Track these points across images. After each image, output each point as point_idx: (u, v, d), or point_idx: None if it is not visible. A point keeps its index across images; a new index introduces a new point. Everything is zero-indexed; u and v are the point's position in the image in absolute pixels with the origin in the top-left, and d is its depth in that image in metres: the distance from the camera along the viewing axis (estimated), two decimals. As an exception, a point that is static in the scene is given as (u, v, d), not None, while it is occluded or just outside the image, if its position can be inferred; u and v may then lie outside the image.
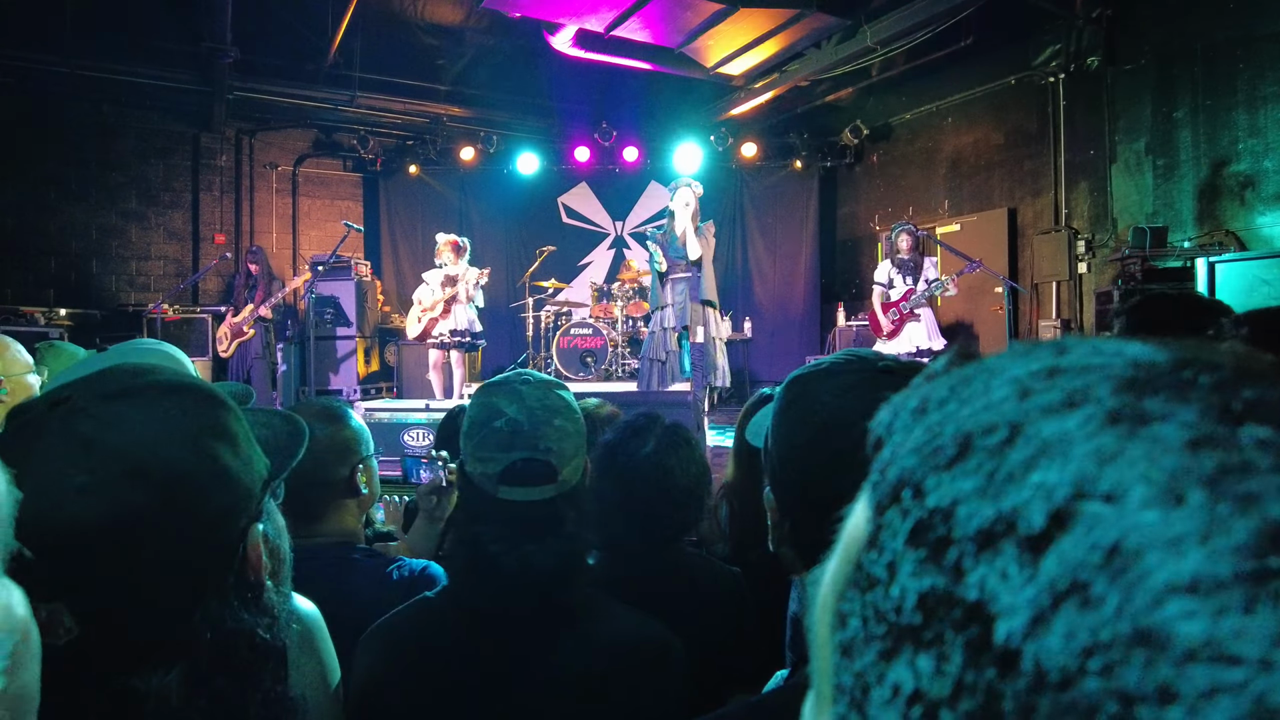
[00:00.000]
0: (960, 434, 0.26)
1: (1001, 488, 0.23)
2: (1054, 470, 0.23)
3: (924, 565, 0.24)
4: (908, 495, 0.26)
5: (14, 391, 2.22)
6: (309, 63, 8.79)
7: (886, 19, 7.18)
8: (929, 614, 0.24)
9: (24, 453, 0.61)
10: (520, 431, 1.14)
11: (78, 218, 8.90)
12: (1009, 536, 0.22)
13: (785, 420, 0.85)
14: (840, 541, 0.31)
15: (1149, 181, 7.13)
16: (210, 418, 0.68)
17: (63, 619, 0.59)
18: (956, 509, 0.24)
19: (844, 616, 0.28)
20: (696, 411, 4.93)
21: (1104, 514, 0.21)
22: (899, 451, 0.28)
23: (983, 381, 0.27)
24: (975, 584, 0.23)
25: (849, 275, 10.48)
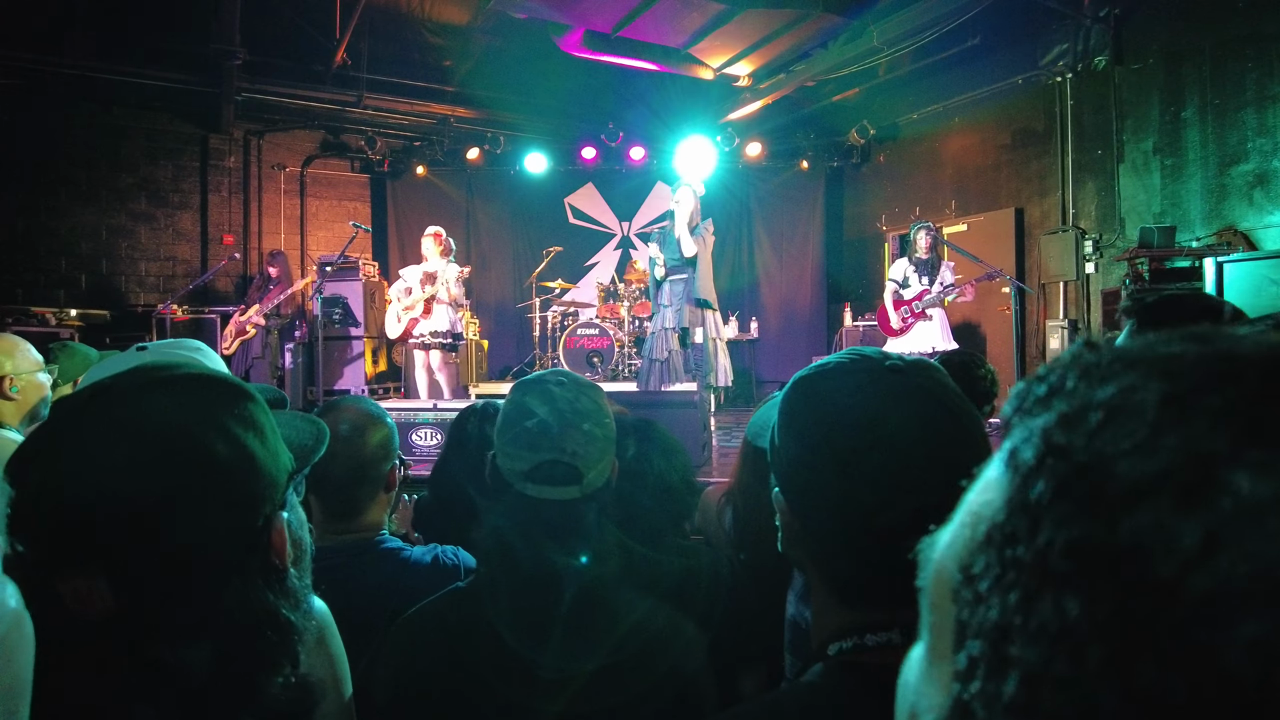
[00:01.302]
0: (1106, 406, 0.29)
1: (1155, 447, 0.26)
2: (1203, 437, 0.26)
3: (1074, 516, 0.27)
4: (1052, 461, 0.29)
5: (25, 389, 2.25)
6: (316, 64, 8.83)
7: (893, 19, 7.18)
8: (1079, 559, 0.26)
9: (67, 435, 0.66)
10: (548, 434, 1.18)
11: (88, 219, 8.96)
12: (1165, 489, 0.25)
13: (795, 421, 0.85)
14: (959, 517, 0.34)
15: (1157, 181, 7.11)
16: (240, 408, 0.73)
17: (100, 591, 0.62)
18: (1113, 465, 0.27)
19: (972, 574, 0.31)
20: (702, 411, 4.94)
21: (1244, 482, 0.24)
22: (1039, 426, 0.31)
23: (1117, 368, 0.30)
24: (1129, 530, 0.25)
25: (855, 275, 10.47)
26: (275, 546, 0.72)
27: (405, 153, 10.39)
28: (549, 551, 1.16)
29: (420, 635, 1.21)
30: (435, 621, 1.22)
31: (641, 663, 1.15)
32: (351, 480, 1.56)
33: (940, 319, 6.57)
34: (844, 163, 10.22)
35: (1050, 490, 0.28)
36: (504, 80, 9.71)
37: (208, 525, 0.67)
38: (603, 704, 1.12)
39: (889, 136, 9.87)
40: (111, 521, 0.63)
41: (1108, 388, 0.29)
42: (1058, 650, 0.26)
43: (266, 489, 0.72)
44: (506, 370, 9.78)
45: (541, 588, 1.16)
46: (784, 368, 9.96)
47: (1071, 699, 0.25)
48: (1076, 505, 0.27)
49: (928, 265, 6.61)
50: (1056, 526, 0.27)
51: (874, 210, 10.19)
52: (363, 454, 1.58)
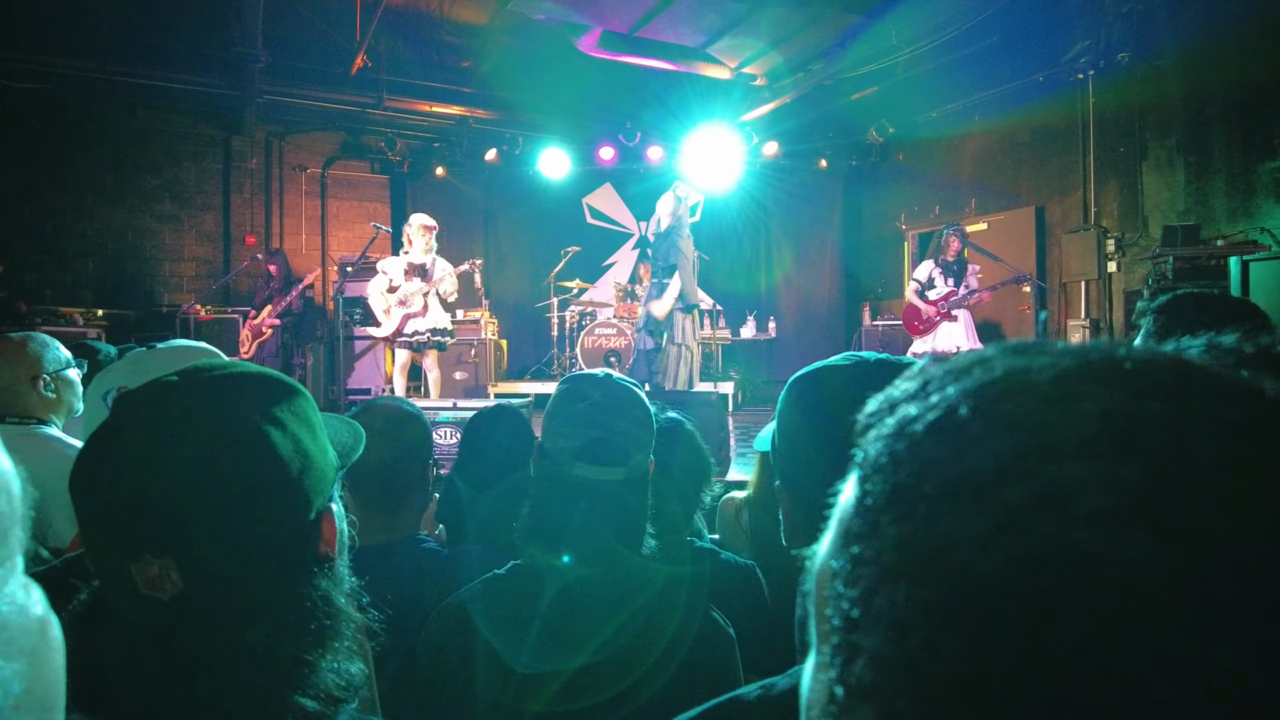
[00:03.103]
0: (931, 411, 0.33)
1: (965, 451, 0.30)
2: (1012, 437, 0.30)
3: (901, 516, 0.31)
4: (888, 464, 0.33)
5: (58, 387, 2.30)
6: (337, 66, 8.90)
7: (912, 17, 7.14)
8: (906, 556, 0.30)
9: (140, 426, 0.70)
10: (602, 411, 1.25)
11: (114, 220, 9.10)
12: (968, 488, 0.29)
13: (791, 414, 0.91)
14: (831, 522, 0.37)
15: (1181, 178, 7.02)
16: (295, 405, 0.78)
17: (170, 574, 0.66)
18: (927, 469, 0.31)
19: (834, 573, 0.34)
20: (719, 411, 4.95)
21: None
22: (881, 432, 0.35)
23: (951, 377, 0.34)
24: (941, 533, 0.29)
25: (875, 274, 10.42)
26: (326, 537, 0.76)
27: (424, 153, 10.45)
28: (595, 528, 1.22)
29: (460, 619, 1.25)
30: (474, 605, 1.25)
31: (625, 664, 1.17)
32: (389, 479, 1.60)
33: (966, 319, 6.55)
34: (863, 161, 10.17)
35: (883, 494, 0.32)
36: (522, 81, 9.75)
37: (269, 515, 0.71)
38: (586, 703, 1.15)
39: (908, 135, 9.81)
40: (183, 510, 0.67)
41: (931, 399, 0.33)
42: (890, 634, 0.29)
43: (320, 482, 0.76)
44: (525, 370, 9.82)
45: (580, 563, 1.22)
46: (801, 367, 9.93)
47: (902, 676, 0.29)
48: (902, 507, 0.31)
49: (955, 268, 6.58)
50: (888, 525, 0.31)
51: (893, 209, 10.14)
52: (399, 452, 1.62)
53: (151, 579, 0.66)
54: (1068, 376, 0.31)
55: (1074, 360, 0.32)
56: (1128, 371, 0.30)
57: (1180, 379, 0.30)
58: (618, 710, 1.16)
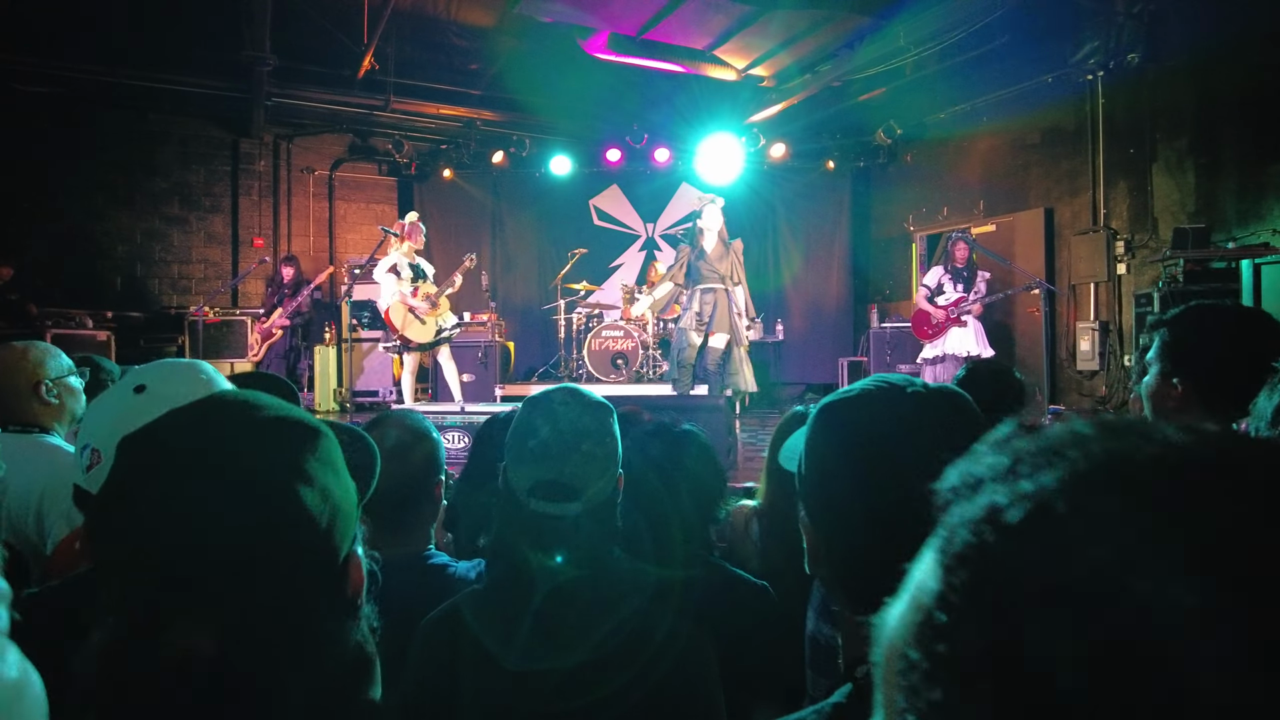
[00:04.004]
0: (1024, 504, 0.29)
1: (1057, 557, 0.27)
2: (1105, 547, 0.27)
3: (986, 619, 0.28)
4: (975, 556, 0.30)
5: (61, 394, 2.30)
6: (344, 69, 8.92)
7: (920, 18, 7.11)
8: (991, 663, 0.27)
9: (162, 476, 0.69)
10: (549, 455, 1.25)
11: (123, 223, 9.14)
12: (1064, 598, 0.26)
13: (819, 445, 0.89)
14: (907, 592, 0.35)
15: (1192, 180, 6.98)
16: (320, 448, 0.75)
17: (201, 640, 0.64)
18: (1020, 571, 0.28)
19: (911, 661, 0.31)
20: (727, 415, 4.95)
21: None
22: (967, 515, 0.31)
23: (1045, 459, 0.31)
24: (1033, 640, 0.26)
25: (883, 276, 10.39)
26: (353, 580, 0.75)
27: (432, 156, 10.47)
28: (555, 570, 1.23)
29: (436, 635, 1.27)
30: (451, 622, 1.27)
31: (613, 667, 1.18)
32: (398, 495, 1.58)
33: (975, 325, 6.52)
34: (870, 163, 10.14)
35: (969, 590, 0.29)
36: (529, 83, 9.75)
37: (296, 565, 0.69)
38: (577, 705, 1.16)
39: (916, 136, 9.78)
40: (210, 565, 0.65)
41: (1023, 485, 0.30)
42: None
43: (346, 527, 0.74)
44: (532, 371, 9.83)
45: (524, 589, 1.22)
46: (810, 370, 9.91)
47: None
48: (991, 612, 0.28)
49: (964, 274, 6.56)
50: (973, 628, 0.28)
51: (901, 211, 10.11)
52: (409, 469, 1.61)
53: (184, 651, 0.64)
54: (1180, 474, 0.27)
55: (1183, 453, 0.28)
56: (1252, 481, 0.26)
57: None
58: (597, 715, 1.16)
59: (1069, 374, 7.99)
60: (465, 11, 8.78)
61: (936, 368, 6.52)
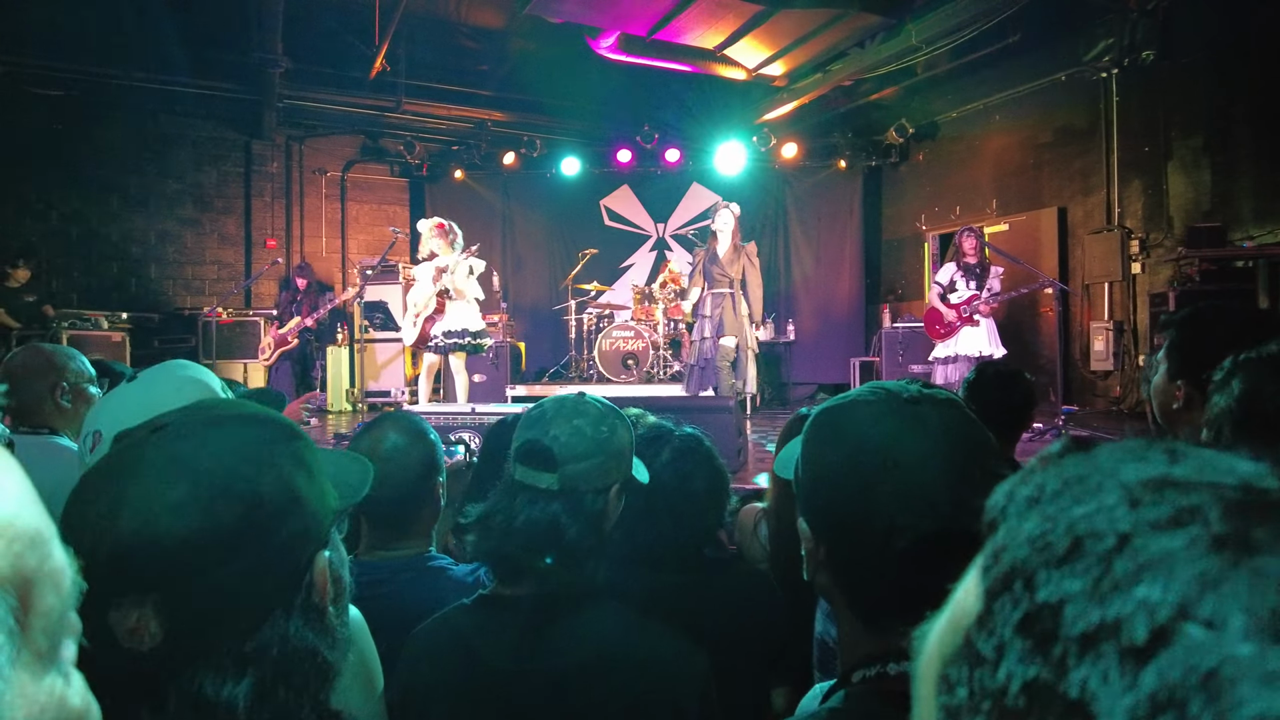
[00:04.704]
0: (1072, 533, 0.28)
1: (1108, 595, 0.25)
2: (1158, 587, 0.25)
3: (1031, 655, 0.27)
4: (1019, 585, 0.28)
5: (74, 400, 2.32)
6: (356, 70, 8.96)
7: (931, 17, 7.06)
8: (1032, 700, 0.26)
9: (127, 470, 0.70)
10: (543, 418, 1.27)
11: (138, 224, 9.21)
12: (1112, 643, 0.24)
13: (815, 449, 0.89)
14: (948, 611, 0.34)
15: (1207, 179, 6.91)
16: (289, 448, 0.76)
17: (149, 624, 0.65)
18: (1064, 607, 0.26)
19: (950, 683, 0.31)
20: (737, 416, 4.94)
21: (1203, 639, 0.23)
22: (1013, 539, 0.30)
23: (1095, 481, 0.29)
24: (1077, 682, 0.25)
25: (895, 276, 10.35)
26: (317, 585, 0.74)
27: (443, 157, 10.51)
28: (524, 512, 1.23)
29: (420, 649, 1.26)
30: (436, 635, 1.27)
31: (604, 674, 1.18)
32: (396, 498, 1.58)
33: (988, 324, 6.43)
34: (882, 162, 10.10)
35: (1012, 620, 0.28)
36: (539, 84, 9.77)
37: (254, 563, 0.69)
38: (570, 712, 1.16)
39: (928, 135, 9.74)
40: (163, 556, 0.66)
41: (1078, 509, 0.28)
42: None
43: (311, 528, 0.74)
44: (543, 372, 9.84)
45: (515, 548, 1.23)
46: (820, 371, 9.87)
47: None
48: (1033, 643, 0.27)
49: (975, 271, 6.48)
50: (1015, 661, 0.27)
51: (913, 210, 10.06)
52: (406, 472, 1.60)
53: (130, 629, 0.65)
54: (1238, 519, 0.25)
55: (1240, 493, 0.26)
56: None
57: None
58: None
59: (1083, 374, 7.93)
60: (475, 13, 8.81)
61: (948, 368, 6.47)
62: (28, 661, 0.36)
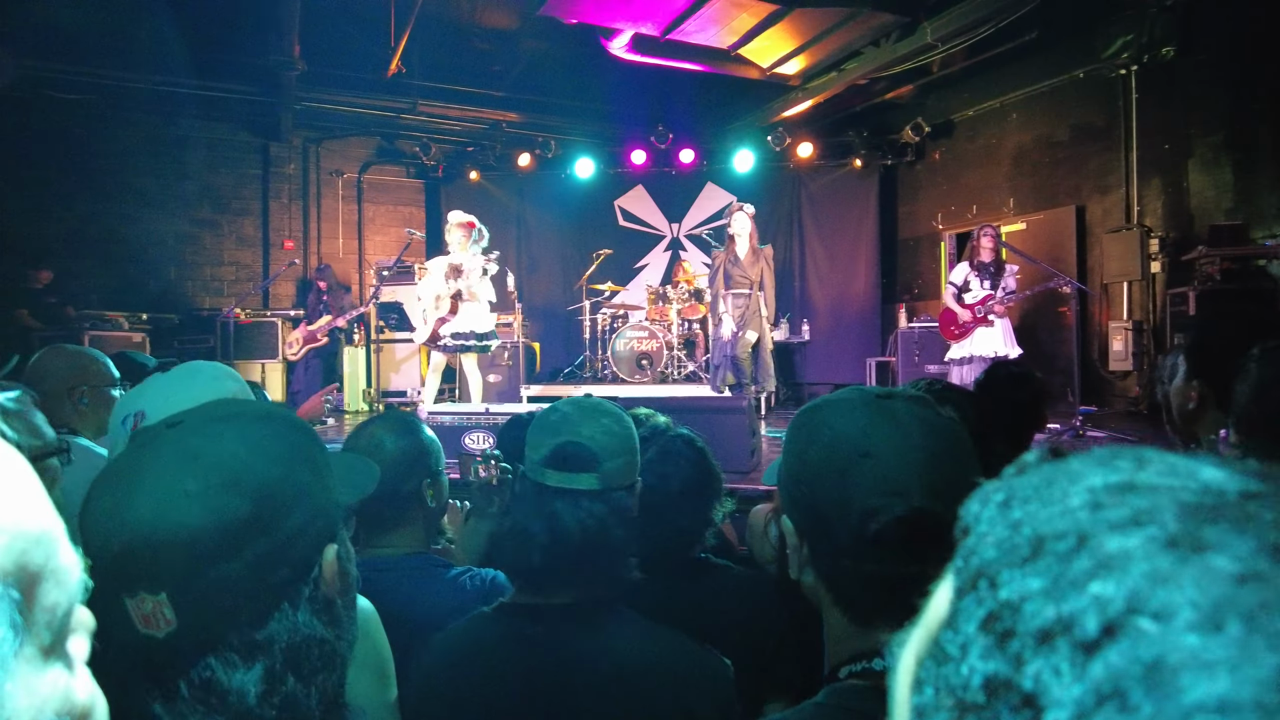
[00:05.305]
0: (1035, 535, 0.29)
1: (1064, 592, 0.26)
2: (1111, 583, 0.26)
3: (991, 651, 0.28)
4: (984, 585, 0.30)
5: (93, 402, 2.35)
6: (371, 72, 9.02)
7: (947, 15, 7.01)
8: (990, 694, 0.27)
9: (142, 463, 0.72)
10: (568, 421, 1.26)
11: (156, 226, 9.31)
12: (1065, 637, 0.26)
13: (793, 447, 0.93)
14: (924, 615, 0.35)
15: (1228, 176, 6.83)
16: (297, 444, 0.78)
17: (164, 612, 0.68)
18: (1023, 605, 0.27)
19: (920, 683, 0.32)
20: (750, 415, 4.92)
21: (1150, 631, 0.24)
22: (982, 542, 0.31)
23: (1063, 487, 0.30)
24: (1031, 675, 0.26)
25: (911, 276, 10.29)
26: (326, 578, 0.77)
27: (458, 158, 10.55)
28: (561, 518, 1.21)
29: (442, 658, 1.25)
30: (458, 644, 1.26)
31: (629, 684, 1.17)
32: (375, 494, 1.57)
33: (1003, 324, 6.37)
34: (898, 161, 10.04)
35: (976, 617, 0.29)
36: (553, 84, 9.79)
37: (263, 554, 0.72)
38: None
39: (944, 134, 9.68)
40: (177, 545, 0.68)
41: (1043, 513, 0.29)
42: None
43: (319, 521, 0.77)
44: (557, 373, 9.86)
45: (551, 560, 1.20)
46: (835, 371, 9.83)
47: None
48: (994, 639, 0.28)
49: (990, 270, 6.41)
50: (976, 657, 0.28)
51: (929, 209, 10.00)
52: (387, 470, 1.59)
53: (146, 615, 0.67)
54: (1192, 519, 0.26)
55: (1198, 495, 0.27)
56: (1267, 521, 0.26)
57: None
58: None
59: (1101, 375, 7.85)
60: (489, 15, 8.84)
61: (964, 368, 6.42)
62: (31, 655, 0.37)
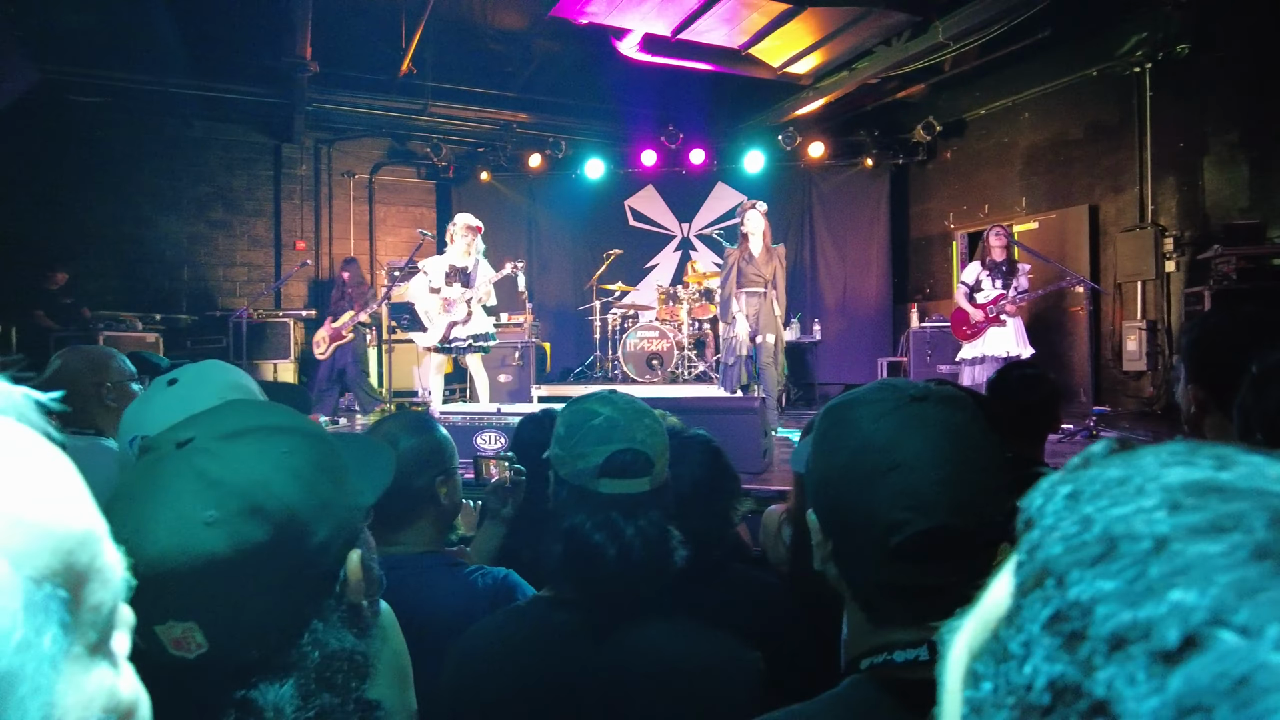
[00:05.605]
0: (1108, 534, 0.28)
1: (1140, 597, 0.25)
2: (1194, 592, 0.24)
3: (1058, 652, 0.27)
4: (1050, 583, 0.28)
5: (119, 398, 2.36)
6: (383, 73, 9.06)
7: (959, 14, 6.97)
8: (1056, 697, 0.26)
9: (155, 489, 0.71)
10: (617, 427, 1.21)
11: (171, 227, 9.38)
12: (1142, 644, 0.24)
13: (823, 445, 0.92)
14: (979, 606, 0.34)
15: (1245, 174, 6.77)
16: (316, 455, 0.78)
17: (195, 636, 0.68)
18: (1095, 607, 0.26)
19: (977, 677, 0.31)
20: (763, 416, 4.92)
21: (1237, 646, 0.23)
22: (1048, 537, 0.30)
23: (1137, 483, 0.29)
24: (1104, 681, 0.25)
25: (922, 275, 10.25)
26: (351, 585, 0.77)
27: (469, 159, 10.58)
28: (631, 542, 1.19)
29: (479, 654, 1.24)
30: (494, 640, 1.26)
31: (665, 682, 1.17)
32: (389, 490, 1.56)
33: (1016, 324, 6.33)
34: (909, 160, 10.00)
35: (1041, 617, 0.28)
36: (564, 85, 9.80)
37: (287, 575, 0.72)
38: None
39: (956, 133, 9.63)
40: (201, 574, 0.68)
41: (1116, 511, 0.28)
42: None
43: (343, 532, 0.77)
44: (567, 373, 9.87)
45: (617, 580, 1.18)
46: (847, 371, 9.80)
47: None
48: (1061, 640, 0.27)
49: (1002, 270, 6.38)
50: (1041, 658, 0.27)
51: (941, 208, 9.96)
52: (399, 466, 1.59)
53: (176, 640, 0.68)
54: (1275, 525, 0.25)
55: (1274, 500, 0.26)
56: None
57: None
58: None
59: (1114, 375, 7.80)
60: (500, 15, 8.85)
61: (976, 369, 6.39)
62: (79, 654, 0.37)
